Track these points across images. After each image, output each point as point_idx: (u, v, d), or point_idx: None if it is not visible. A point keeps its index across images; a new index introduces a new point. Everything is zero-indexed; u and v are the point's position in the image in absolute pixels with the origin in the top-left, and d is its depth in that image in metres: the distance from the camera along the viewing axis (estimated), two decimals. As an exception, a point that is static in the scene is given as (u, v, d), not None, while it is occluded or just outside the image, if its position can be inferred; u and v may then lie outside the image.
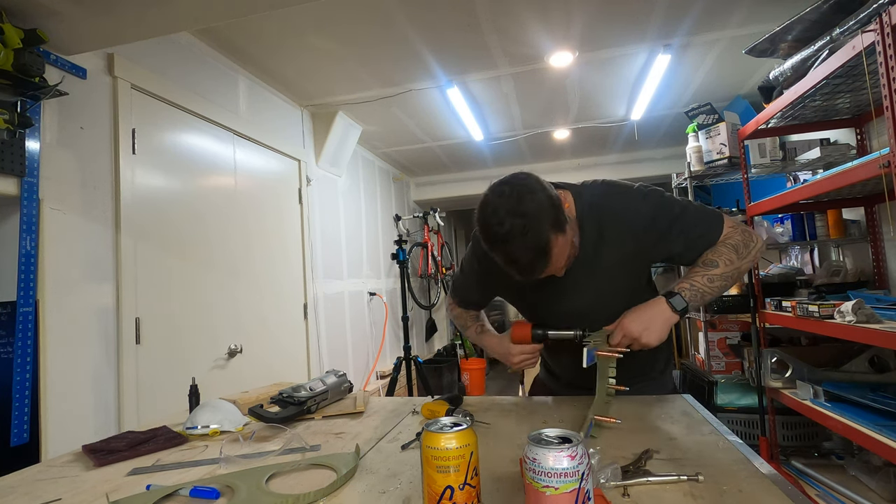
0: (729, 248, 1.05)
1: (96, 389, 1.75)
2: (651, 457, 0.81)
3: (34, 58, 1.46)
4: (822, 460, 2.27)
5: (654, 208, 1.06)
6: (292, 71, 2.76)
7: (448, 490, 0.60)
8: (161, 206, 2.09)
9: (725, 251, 1.05)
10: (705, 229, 1.07)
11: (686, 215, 1.07)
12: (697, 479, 0.71)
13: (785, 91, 2.07)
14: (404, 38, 2.46)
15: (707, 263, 1.04)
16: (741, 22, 2.46)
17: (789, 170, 2.71)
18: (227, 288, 2.43)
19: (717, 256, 1.04)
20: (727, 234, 1.07)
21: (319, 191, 3.43)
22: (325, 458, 0.88)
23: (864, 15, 1.63)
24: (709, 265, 1.04)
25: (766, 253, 3.13)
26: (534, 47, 2.63)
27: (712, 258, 1.05)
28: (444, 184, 5.55)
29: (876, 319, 1.66)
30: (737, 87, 3.36)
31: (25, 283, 1.53)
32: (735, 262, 1.04)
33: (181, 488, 0.78)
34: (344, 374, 1.34)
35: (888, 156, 1.44)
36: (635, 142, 4.50)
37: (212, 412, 1.15)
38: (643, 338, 0.99)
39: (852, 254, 2.64)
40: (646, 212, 1.06)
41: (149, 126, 2.05)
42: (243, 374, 2.46)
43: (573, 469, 0.54)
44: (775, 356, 2.23)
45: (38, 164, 1.59)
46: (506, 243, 0.92)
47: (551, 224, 0.91)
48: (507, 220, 0.90)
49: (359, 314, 3.94)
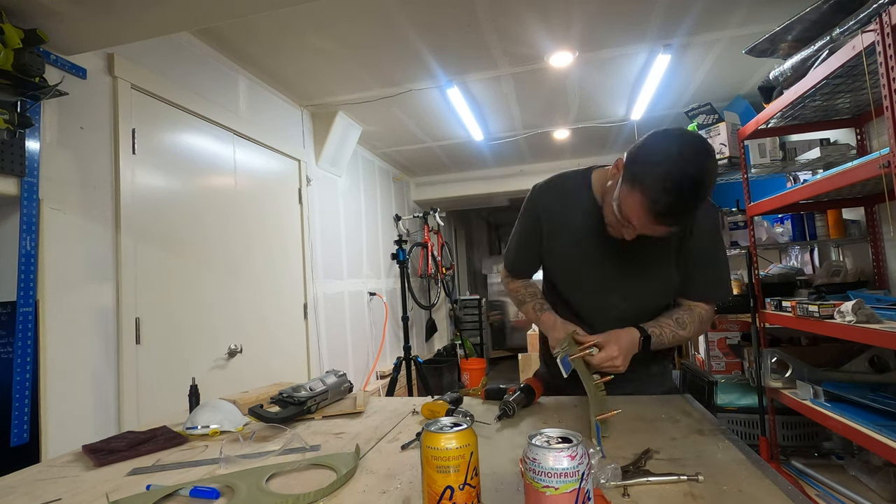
0: (700, 318, 1.15)
1: (96, 389, 1.75)
2: (651, 457, 0.81)
3: (34, 58, 1.46)
4: (822, 460, 2.26)
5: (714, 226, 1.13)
6: (292, 71, 2.76)
7: (448, 490, 0.60)
8: (161, 206, 2.09)
9: (696, 321, 1.14)
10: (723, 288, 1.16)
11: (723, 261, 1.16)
12: (697, 479, 0.71)
13: (785, 91, 2.07)
14: (404, 38, 2.46)
15: (680, 323, 1.13)
16: (741, 22, 2.46)
17: (789, 170, 2.71)
18: (227, 288, 2.43)
19: (690, 321, 1.13)
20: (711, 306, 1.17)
21: (319, 191, 3.43)
22: (325, 458, 0.88)
23: (864, 15, 1.63)
24: (680, 325, 1.13)
25: (766, 253, 3.13)
26: (534, 47, 2.63)
27: (685, 320, 1.13)
28: (444, 184, 5.55)
29: (876, 319, 1.66)
30: (737, 87, 3.36)
31: (25, 283, 1.53)
32: (695, 333, 1.14)
33: (181, 488, 0.78)
34: (344, 374, 1.34)
35: (888, 156, 1.44)
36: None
37: (212, 412, 1.15)
38: (618, 361, 1.02)
39: (852, 254, 2.64)
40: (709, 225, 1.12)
41: (149, 126, 2.05)
42: (243, 374, 2.46)
43: (573, 469, 0.54)
44: (775, 356, 2.23)
45: (38, 164, 1.59)
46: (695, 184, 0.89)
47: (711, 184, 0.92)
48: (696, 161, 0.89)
49: (359, 314, 3.94)
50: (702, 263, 1.13)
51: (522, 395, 1.14)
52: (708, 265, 1.14)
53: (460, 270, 7.52)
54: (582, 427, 0.99)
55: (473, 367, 5.33)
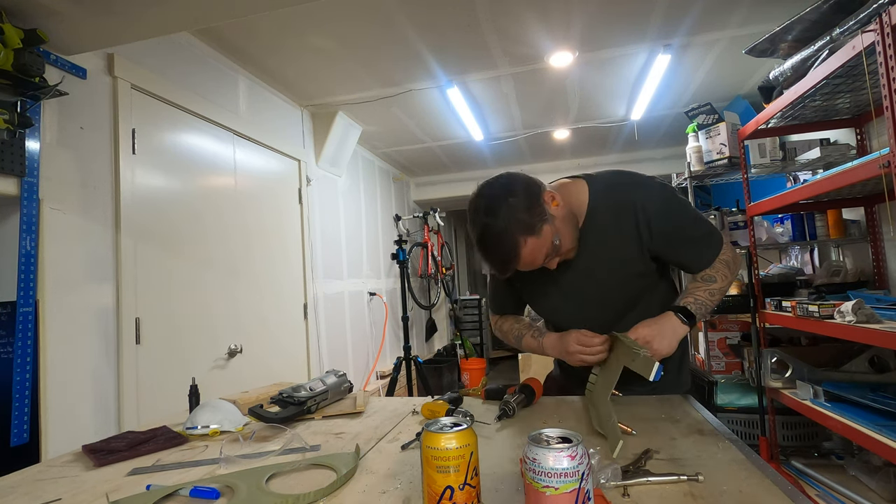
0: (723, 263, 1.14)
1: (96, 389, 1.75)
2: (651, 457, 0.81)
3: (34, 58, 1.46)
4: (822, 460, 2.27)
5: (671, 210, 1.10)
6: (292, 71, 2.76)
7: (448, 490, 0.60)
8: (161, 206, 2.09)
9: (721, 267, 1.14)
10: (713, 244, 1.15)
11: (698, 229, 1.14)
12: (697, 479, 0.71)
13: (785, 91, 2.07)
14: (404, 38, 2.46)
15: (706, 279, 1.13)
16: (741, 22, 2.46)
17: (789, 170, 2.71)
18: (227, 288, 2.43)
19: (715, 272, 1.13)
20: (722, 250, 1.15)
21: (319, 191, 3.43)
22: (325, 458, 0.88)
23: (864, 15, 1.63)
24: (708, 280, 1.12)
25: (766, 253, 3.13)
26: (534, 47, 2.63)
27: (711, 274, 1.13)
28: (444, 184, 5.55)
29: (876, 319, 1.66)
30: (737, 87, 3.36)
31: (25, 283, 1.53)
32: (729, 276, 1.13)
33: (181, 488, 0.78)
34: (344, 374, 1.34)
35: (888, 156, 1.44)
36: (635, 142, 4.50)
37: (212, 412, 1.15)
38: (655, 343, 1.01)
39: (852, 254, 2.64)
40: (663, 212, 1.09)
41: (149, 126, 2.05)
42: (243, 374, 2.46)
43: (573, 469, 0.54)
44: (775, 356, 2.23)
45: (38, 164, 1.59)
46: (479, 243, 1.02)
47: (522, 229, 0.98)
48: (479, 222, 1.00)
49: (359, 314, 3.94)
50: (680, 241, 1.13)
51: (522, 395, 1.14)
52: (686, 239, 1.13)
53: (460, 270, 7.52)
54: (582, 427, 0.99)
55: (473, 367, 5.33)
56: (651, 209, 1.08)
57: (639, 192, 1.10)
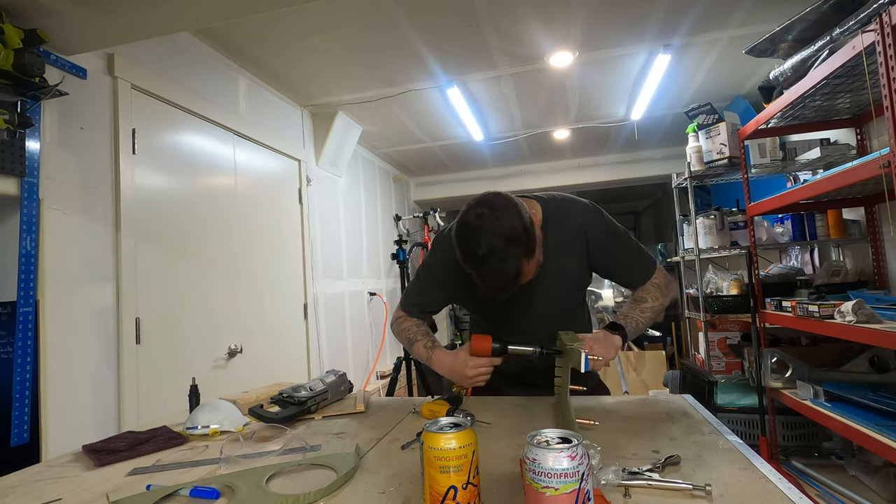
0: (655, 286, 1.25)
1: (96, 389, 1.75)
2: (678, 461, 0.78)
3: (34, 58, 1.46)
4: (822, 460, 2.27)
5: (607, 226, 1.23)
6: (292, 71, 2.76)
7: (451, 490, 0.60)
8: (161, 206, 2.09)
9: (653, 289, 1.24)
10: (646, 261, 1.26)
11: (632, 244, 1.26)
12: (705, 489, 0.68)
13: (785, 91, 2.07)
14: (404, 38, 2.46)
15: (638, 300, 1.24)
16: (741, 22, 2.46)
17: (789, 170, 2.71)
18: (227, 288, 2.43)
19: (646, 294, 1.24)
20: (655, 274, 1.25)
21: (319, 191, 3.43)
22: (325, 458, 0.88)
23: (864, 15, 1.63)
24: (640, 301, 1.23)
25: (766, 253, 3.13)
26: (534, 47, 2.63)
27: (642, 295, 1.24)
28: (444, 184, 5.55)
29: (876, 319, 1.66)
30: (737, 87, 3.36)
31: (25, 283, 1.53)
32: (660, 298, 1.23)
33: (181, 488, 0.78)
34: (344, 374, 1.34)
35: (888, 156, 1.44)
36: (635, 142, 4.50)
37: (212, 412, 1.15)
38: (596, 346, 1.07)
39: (852, 254, 2.64)
40: (601, 227, 1.22)
41: (149, 126, 2.05)
42: (243, 374, 2.46)
43: (573, 469, 0.54)
44: (775, 356, 2.23)
45: (38, 164, 1.59)
46: (482, 266, 1.00)
47: (524, 250, 1.00)
48: (484, 244, 0.98)
49: (359, 314, 3.94)
50: (615, 251, 1.24)
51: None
52: (624, 259, 1.26)
53: (460, 270, 7.51)
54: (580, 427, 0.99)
55: (473, 367, 5.32)
56: (591, 225, 1.21)
57: (587, 214, 1.22)
